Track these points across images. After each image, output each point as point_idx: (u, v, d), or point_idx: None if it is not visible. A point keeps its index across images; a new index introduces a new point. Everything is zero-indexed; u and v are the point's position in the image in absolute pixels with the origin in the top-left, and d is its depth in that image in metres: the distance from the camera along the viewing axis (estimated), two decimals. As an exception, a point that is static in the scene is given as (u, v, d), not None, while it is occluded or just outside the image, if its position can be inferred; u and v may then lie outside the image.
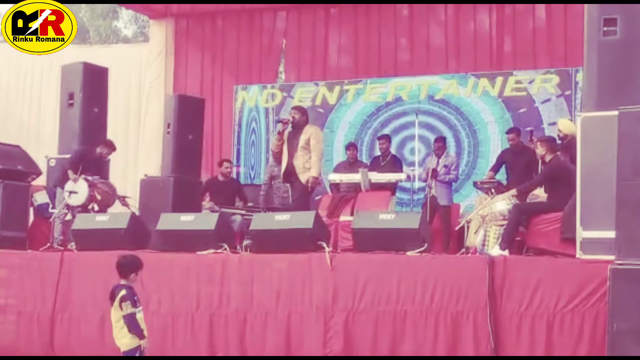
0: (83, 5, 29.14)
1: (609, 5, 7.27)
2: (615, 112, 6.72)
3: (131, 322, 6.19)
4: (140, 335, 6.21)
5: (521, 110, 12.70)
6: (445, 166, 11.21)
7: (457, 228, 9.90)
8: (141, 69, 15.32)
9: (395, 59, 13.86)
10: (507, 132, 11.40)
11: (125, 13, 28.55)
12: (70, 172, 10.33)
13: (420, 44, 13.71)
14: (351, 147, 12.00)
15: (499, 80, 12.85)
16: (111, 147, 10.96)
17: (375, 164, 11.75)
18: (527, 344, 7.09)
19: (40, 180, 11.55)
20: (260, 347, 7.90)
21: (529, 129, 11.97)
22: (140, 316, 6.28)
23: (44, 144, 14.19)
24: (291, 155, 9.55)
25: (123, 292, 6.25)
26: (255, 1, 14.09)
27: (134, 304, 6.25)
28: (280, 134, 9.69)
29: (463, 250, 9.04)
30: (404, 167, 11.88)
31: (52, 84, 14.84)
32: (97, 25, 29.01)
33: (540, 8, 13.01)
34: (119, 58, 15.46)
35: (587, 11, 7.43)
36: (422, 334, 7.37)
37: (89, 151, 10.78)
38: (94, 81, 11.61)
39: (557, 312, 7.03)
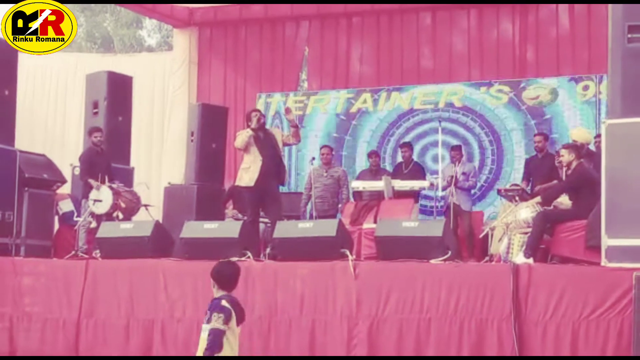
0: (108, 14, 29.36)
1: (634, 12, 7.23)
2: (641, 119, 6.70)
3: None
4: None
5: (546, 117, 12.67)
6: (463, 173, 11.22)
7: (480, 236, 9.87)
8: (165, 78, 15.37)
9: (417, 67, 13.85)
10: (535, 135, 11.52)
11: (149, 22, 28.67)
12: (92, 181, 10.28)
13: (443, 52, 13.69)
14: (373, 154, 11.99)
15: (523, 87, 12.82)
16: (94, 130, 10.74)
17: (398, 172, 11.74)
18: (551, 351, 7.06)
19: (65, 189, 11.61)
20: (284, 353, 7.90)
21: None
22: None
23: (68, 152, 14.24)
24: (270, 154, 9.39)
25: None
26: (277, 1, 14.11)
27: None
28: (256, 130, 9.38)
29: (487, 258, 9.01)
30: (427, 175, 11.87)
31: (76, 93, 14.93)
32: (121, 34, 29.19)
33: (564, 15, 12.95)
34: (143, 67, 15.51)
35: (611, 18, 7.40)
36: (446, 341, 7.34)
37: (90, 150, 10.69)
38: (119, 90, 11.70)
39: (582, 320, 6.99)
